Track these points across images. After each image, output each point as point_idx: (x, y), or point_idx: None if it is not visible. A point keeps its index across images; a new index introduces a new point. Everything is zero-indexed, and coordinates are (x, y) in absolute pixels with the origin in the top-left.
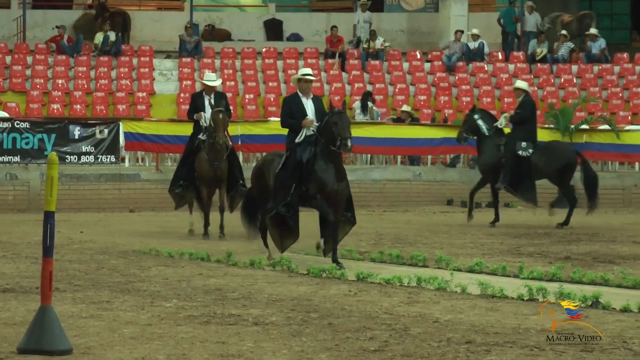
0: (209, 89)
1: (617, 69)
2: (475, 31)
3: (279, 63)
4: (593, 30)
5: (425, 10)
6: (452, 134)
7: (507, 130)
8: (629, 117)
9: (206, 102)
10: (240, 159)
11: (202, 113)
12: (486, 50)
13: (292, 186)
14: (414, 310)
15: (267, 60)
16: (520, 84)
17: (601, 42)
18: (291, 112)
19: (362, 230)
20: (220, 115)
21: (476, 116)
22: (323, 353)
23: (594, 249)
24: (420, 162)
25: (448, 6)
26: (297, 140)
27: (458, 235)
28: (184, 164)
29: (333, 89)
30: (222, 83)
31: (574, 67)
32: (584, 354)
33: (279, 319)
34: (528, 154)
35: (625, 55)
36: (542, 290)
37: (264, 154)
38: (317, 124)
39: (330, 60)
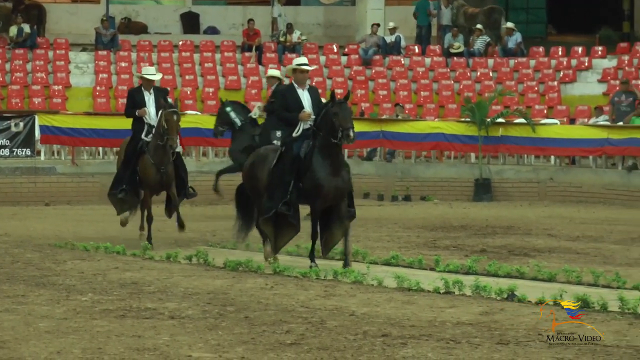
0: (147, 84)
1: (532, 62)
2: (391, 25)
3: (196, 56)
4: (509, 24)
5: (342, 4)
6: (369, 127)
7: (261, 120)
8: (545, 111)
9: (146, 98)
10: None
11: (145, 109)
12: (403, 43)
13: (290, 182)
14: (330, 303)
15: (183, 54)
16: (273, 72)
17: (517, 36)
18: (287, 105)
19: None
20: (175, 117)
21: (228, 109)
22: (239, 346)
23: (509, 242)
24: None
25: (365, 0)
26: (294, 135)
27: (374, 228)
28: (126, 166)
29: (250, 82)
30: (162, 77)
31: (490, 61)
32: (499, 346)
33: (195, 313)
34: None
35: (541, 49)
36: (458, 283)
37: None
38: (314, 117)
39: (247, 54)
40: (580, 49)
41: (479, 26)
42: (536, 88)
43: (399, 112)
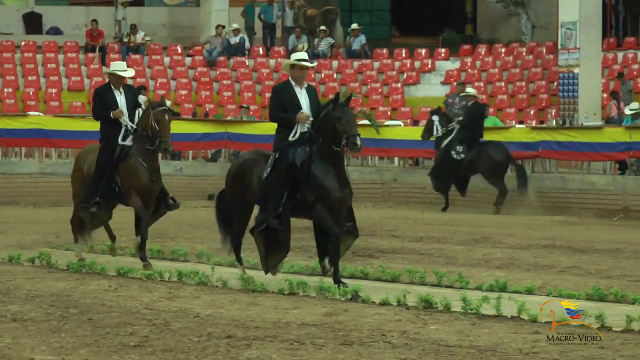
0: (117, 81)
1: (376, 64)
2: (235, 26)
3: (39, 57)
4: (354, 25)
5: (186, 5)
6: (213, 129)
7: None
8: (389, 113)
9: (118, 97)
10: None
11: (120, 110)
12: (247, 45)
13: (283, 194)
14: (174, 305)
15: (26, 54)
16: (470, 90)
17: (362, 38)
18: (283, 104)
19: (123, 225)
20: (167, 116)
21: None
22: (82, 349)
23: (353, 243)
24: (181, 157)
25: (209, 1)
26: (290, 139)
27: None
28: (100, 177)
29: (93, 83)
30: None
31: (334, 63)
32: (343, 347)
33: (38, 315)
34: None
35: (384, 51)
36: (303, 284)
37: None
38: (312, 119)
39: (90, 54)
40: (423, 51)
41: (322, 28)
42: (380, 90)
43: (243, 114)
